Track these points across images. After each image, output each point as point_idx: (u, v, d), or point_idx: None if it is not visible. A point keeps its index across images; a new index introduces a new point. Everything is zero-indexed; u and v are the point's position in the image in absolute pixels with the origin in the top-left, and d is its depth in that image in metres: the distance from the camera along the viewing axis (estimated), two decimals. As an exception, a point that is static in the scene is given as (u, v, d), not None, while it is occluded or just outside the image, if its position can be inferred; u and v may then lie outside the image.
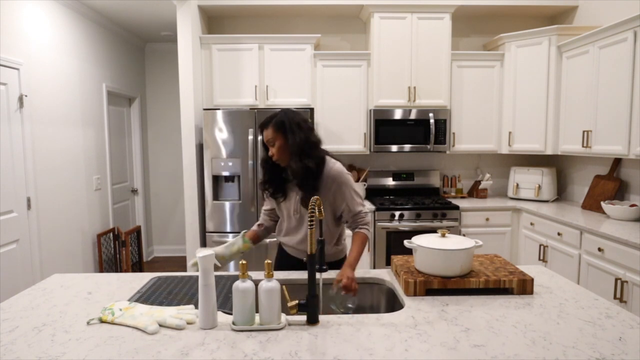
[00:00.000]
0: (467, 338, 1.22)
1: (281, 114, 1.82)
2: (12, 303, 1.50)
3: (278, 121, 1.80)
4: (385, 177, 4.22)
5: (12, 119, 2.94)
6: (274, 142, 1.79)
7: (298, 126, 1.80)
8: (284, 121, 1.80)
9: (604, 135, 3.07)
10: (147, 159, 5.28)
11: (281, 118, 1.81)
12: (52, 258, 3.38)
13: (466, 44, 4.31)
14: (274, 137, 1.79)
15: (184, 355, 1.13)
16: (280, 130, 1.79)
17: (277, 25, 4.25)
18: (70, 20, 3.67)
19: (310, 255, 1.32)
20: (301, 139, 1.78)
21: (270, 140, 1.80)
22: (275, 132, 1.79)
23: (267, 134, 1.81)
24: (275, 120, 1.80)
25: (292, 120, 1.80)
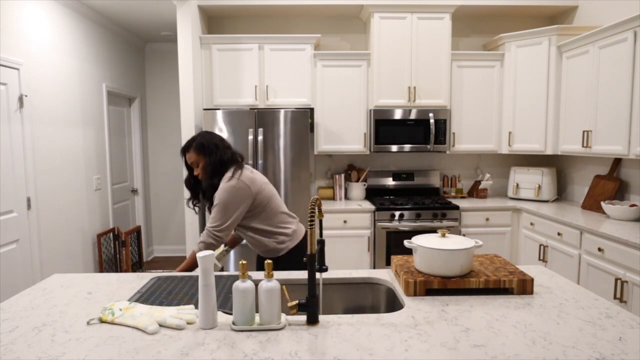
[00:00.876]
0: (467, 338, 1.22)
1: (200, 137, 2.01)
2: (12, 303, 1.50)
3: (199, 144, 2.00)
4: (385, 177, 4.22)
5: (12, 119, 2.94)
6: (197, 164, 2.01)
7: (215, 146, 2.01)
8: (203, 143, 2.00)
9: (604, 135, 3.07)
10: (147, 159, 5.28)
11: (201, 141, 2.01)
12: (52, 258, 3.38)
13: (466, 44, 4.31)
14: (197, 158, 2.00)
15: (184, 355, 1.13)
16: (202, 153, 1.99)
17: (277, 25, 4.25)
18: (70, 20, 3.67)
19: (310, 255, 1.32)
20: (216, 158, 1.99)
21: (195, 161, 2.00)
22: (197, 155, 2.00)
23: (190, 156, 2.00)
24: (196, 143, 2.00)
25: (210, 141, 2.02)
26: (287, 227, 2.11)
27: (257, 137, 3.59)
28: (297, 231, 2.15)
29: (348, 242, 3.69)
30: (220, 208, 1.93)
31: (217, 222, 1.93)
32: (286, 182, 3.60)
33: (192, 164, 2.02)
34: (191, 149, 2.00)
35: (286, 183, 3.60)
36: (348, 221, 3.67)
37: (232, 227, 1.96)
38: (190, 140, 2.03)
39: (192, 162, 2.02)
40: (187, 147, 2.02)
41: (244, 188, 1.95)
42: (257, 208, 2.02)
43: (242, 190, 1.95)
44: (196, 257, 1.93)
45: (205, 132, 2.07)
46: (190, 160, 2.02)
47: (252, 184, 1.98)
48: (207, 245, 1.94)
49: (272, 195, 2.09)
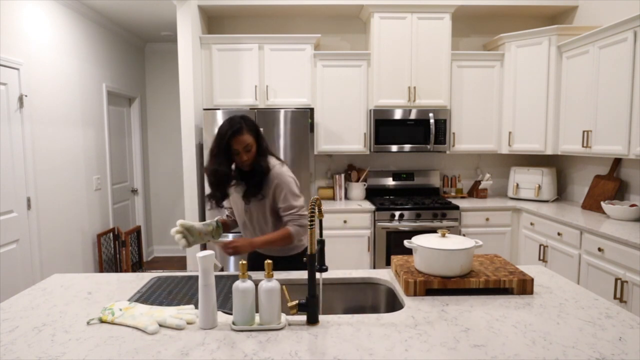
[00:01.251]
0: (467, 338, 1.22)
1: (249, 120, 1.87)
2: (12, 303, 1.50)
3: (252, 126, 1.87)
4: (385, 177, 4.22)
5: (12, 119, 2.94)
6: (251, 147, 1.85)
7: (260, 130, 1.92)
8: (257, 126, 1.89)
9: (604, 135, 3.07)
10: (147, 159, 5.28)
11: (253, 123, 1.88)
12: (52, 258, 3.38)
13: (466, 44, 4.31)
14: (251, 141, 1.85)
15: (184, 355, 1.13)
16: (254, 135, 1.87)
17: (277, 25, 4.25)
18: (70, 20, 3.67)
19: (310, 255, 1.32)
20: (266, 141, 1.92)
21: (249, 145, 1.83)
22: (252, 137, 1.85)
23: (244, 139, 1.82)
24: (249, 126, 1.85)
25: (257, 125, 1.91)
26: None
27: (257, 137, 3.59)
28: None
29: (348, 242, 3.69)
30: (289, 190, 1.91)
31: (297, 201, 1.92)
32: (286, 182, 3.60)
33: (245, 147, 1.82)
34: (244, 131, 1.81)
35: (286, 183, 3.60)
36: (348, 221, 3.67)
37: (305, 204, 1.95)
38: (237, 123, 1.82)
39: (244, 146, 1.82)
40: (239, 130, 1.80)
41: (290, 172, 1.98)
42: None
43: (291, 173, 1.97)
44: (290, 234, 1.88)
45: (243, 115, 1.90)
46: (243, 144, 1.82)
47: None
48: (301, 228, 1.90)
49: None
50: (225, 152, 1.83)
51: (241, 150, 1.83)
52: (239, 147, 1.82)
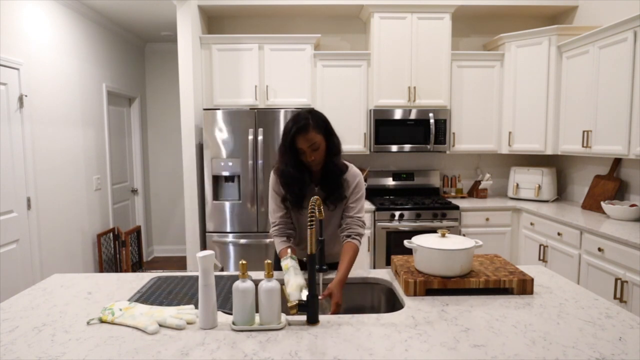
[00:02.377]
0: (467, 338, 1.22)
1: (317, 115, 1.70)
2: (12, 303, 1.50)
3: (321, 122, 1.69)
4: (385, 177, 4.22)
5: (12, 119, 2.94)
6: (319, 145, 1.66)
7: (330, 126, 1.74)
8: (326, 122, 1.71)
9: (604, 135, 3.07)
10: (147, 159, 5.28)
11: (322, 118, 1.70)
12: (52, 258, 3.38)
13: (466, 44, 4.31)
14: (320, 140, 1.66)
15: (184, 355, 1.13)
16: (323, 132, 1.69)
17: (277, 25, 4.25)
18: (70, 20, 3.67)
19: (310, 255, 1.32)
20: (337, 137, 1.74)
21: (317, 143, 1.65)
22: (320, 135, 1.67)
23: (311, 137, 1.64)
24: (317, 122, 1.67)
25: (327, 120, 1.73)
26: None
27: (257, 137, 3.59)
28: None
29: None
30: (362, 197, 1.80)
31: (363, 212, 1.80)
32: (286, 182, 3.60)
33: (311, 146, 1.65)
34: (310, 128, 1.63)
35: (286, 183, 3.60)
36: (348, 221, 3.66)
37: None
38: (304, 119, 1.65)
39: (311, 145, 1.65)
40: (305, 127, 1.63)
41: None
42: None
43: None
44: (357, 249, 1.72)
45: (312, 109, 1.75)
46: (310, 142, 1.64)
47: None
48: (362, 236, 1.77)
49: None
50: (291, 151, 1.68)
51: (307, 149, 1.65)
52: (304, 145, 1.65)
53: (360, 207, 1.80)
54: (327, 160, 1.72)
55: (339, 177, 1.75)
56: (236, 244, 3.67)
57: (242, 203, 3.66)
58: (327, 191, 1.75)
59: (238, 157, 3.62)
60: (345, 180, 1.78)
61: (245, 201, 3.65)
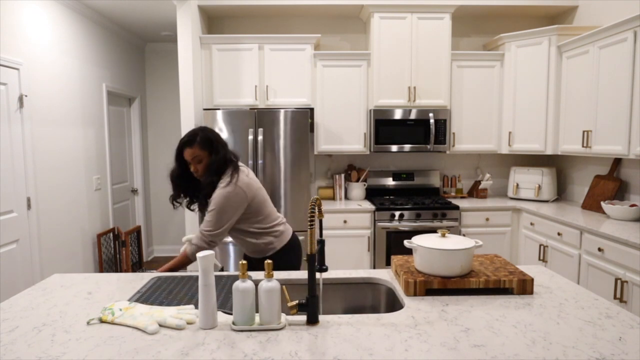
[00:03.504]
0: (467, 338, 1.22)
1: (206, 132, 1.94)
2: (12, 303, 1.50)
3: (207, 140, 1.93)
4: (385, 177, 4.22)
5: (12, 119, 2.94)
6: (201, 159, 1.93)
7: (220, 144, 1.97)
8: (210, 138, 1.94)
9: (604, 135, 3.07)
10: (147, 159, 5.28)
11: (209, 137, 1.94)
12: (52, 258, 3.38)
13: (466, 44, 4.31)
14: (203, 155, 1.92)
15: (184, 355, 1.13)
16: (207, 149, 1.93)
17: (277, 25, 4.25)
18: (70, 20, 3.67)
19: (310, 255, 1.32)
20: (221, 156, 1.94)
21: (199, 157, 1.92)
22: (204, 151, 1.92)
23: (193, 151, 1.91)
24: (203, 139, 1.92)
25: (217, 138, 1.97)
26: (275, 230, 2.11)
27: (257, 137, 3.59)
28: (284, 232, 2.16)
29: (348, 242, 3.69)
30: (216, 213, 1.91)
31: (212, 227, 1.91)
32: (286, 182, 3.60)
33: (194, 159, 1.93)
34: (195, 143, 1.91)
35: (286, 183, 3.60)
36: (348, 221, 3.66)
37: (226, 232, 1.96)
38: (192, 135, 1.92)
39: (193, 158, 1.92)
40: (190, 141, 1.91)
41: (240, 194, 1.93)
42: (250, 212, 2.01)
43: (238, 196, 1.93)
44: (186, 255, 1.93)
45: (205, 127, 1.99)
46: (192, 155, 1.92)
47: (248, 189, 1.96)
48: (199, 248, 1.92)
49: (265, 200, 2.08)
50: (178, 159, 1.99)
51: (190, 160, 1.94)
52: (188, 157, 1.93)
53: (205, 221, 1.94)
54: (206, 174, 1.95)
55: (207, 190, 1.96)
56: (236, 244, 3.67)
57: (242, 203, 3.65)
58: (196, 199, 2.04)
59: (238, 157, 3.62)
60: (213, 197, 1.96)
61: (245, 201, 3.64)
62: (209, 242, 1.92)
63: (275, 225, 2.12)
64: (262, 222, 2.06)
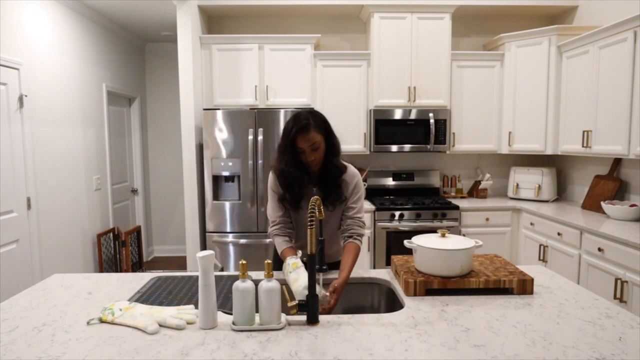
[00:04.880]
0: (467, 338, 1.22)
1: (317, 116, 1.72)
2: (12, 303, 1.50)
3: (321, 123, 1.71)
4: (385, 177, 4.22)
5: (12, 119, 2.94)
6: (319, 146, 1.68)
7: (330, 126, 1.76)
8: (326, 122, 1.73)
9: (604, 135, 3.07)
10: (147, 159, 5.28)
11: (322, 119, 1.72)
12: (52, 258, 3.38)
13: (466, 44, 4.31)
14: (320, 140, 1.68)
15: (184, 355, 1.13)
16: (323, 132, 1.70)
17: (277, 25, 4.25)
18: (70, 20, 3.67)
19: (310, 255, 1.32)
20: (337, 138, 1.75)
21: (317, 143, 1.67)
22: (320, 135, 1.69)
23: (311, 137, 1.66)
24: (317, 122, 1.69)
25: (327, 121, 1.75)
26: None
27: (257, 137, 3.59)
28: None
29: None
30: (361, 199, 1.82)
31: (363, 213, 1.82)
32: (286, 182, 3.60)
33: (312, 146, 1.67)
34: (311, 128, 1.65)
35: (286, 183, 3.60)
36: (348, 221, 3.66)
37: None
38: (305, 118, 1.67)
39: (311, 144, 1.67)
40: (306, 126, 1.65)
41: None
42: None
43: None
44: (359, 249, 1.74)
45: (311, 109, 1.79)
46: (311, 142, 1.66)
47: None
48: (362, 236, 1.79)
49: None
50: (291, 151, 1.70)
51: (307, 148, 1.67)
52: (304, 145, 1.67)
53: (359, 208, 1.81)
54: (326, 161, 1.74)
55: (337, 178, 1.76)
56: (236, 244, 3.67)
57: (242, 203, 3.66)
58: (326, 191, 1.76)
59: (238, 157, 3.62)
60: (344, 181, 1.79)
61: (245, 201, 3.65)
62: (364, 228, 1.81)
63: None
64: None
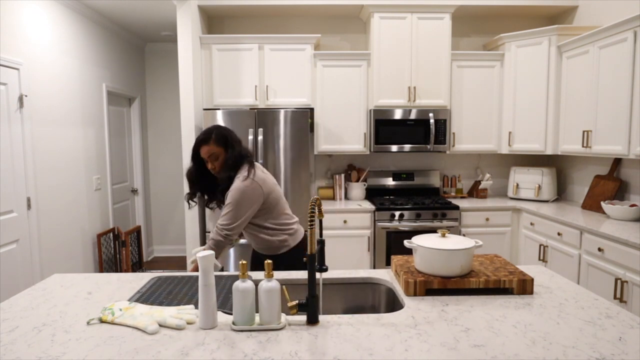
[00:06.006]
0: (467, 338, 1.22)
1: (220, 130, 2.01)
2: (12, 303, 1.50)
3: (222, 137, 1.99)
4: (385, 177, 4.22)
5: (12, 119, 2.94)
6: (218, 156, 1.99)
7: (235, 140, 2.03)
8: (225, 135, 2.01)
9: (604, 135, 3.07)
10: (147, 159, 5.28)
11: (224, 134, 2.00)
12: (52, 258, 3.38)
13: (466, 44, 4.31)
14: (219, 151, 1.98)
15: (184, 355, 1.13)
16: (223, 145, 1.99)
17: (277, 25, 4.25)
18: (70, 20, 3.67)
19: (310, 255, 1.32)
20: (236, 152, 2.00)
21: (216, 154, 1.98)
22: (220, 147, 1.98)
23: (209, 149, 1.97)
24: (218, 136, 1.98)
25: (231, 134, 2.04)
26: (290, 227, 2.14)
27: (257, 137, 3.59)
28: (298, 231, 2.20)
29: (348, 242, 3.69)
30: (233, 207, 1.94)
31: (228, 220, 1.95)
32: (286, 182, 3.60)
33: (210, 156, 1.99)
34: (211, 141, 1.98)
35: (286, 183, 3.60)
36: (348, 221, 3.67)
37: (242, 226, 1.98)
38: (208, 132, 1.99)
39: (210, 155, 1.99)
40: (206, 139, 1.98)
41: (257, 188, 1.97)
42: (265, 208, 2.04)
43: (255, 191, 1.96)
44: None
45: (219, 125, 2.06)
46: (208, 153, 1.99)
47: (264, 184, 2.00)
48: (216, 242, 1.96)
49: (280, 197, 2.12)
50: (194, 158, 2.06)
51: (207, 158, 2.00)
52: (204, 155, 1.99)
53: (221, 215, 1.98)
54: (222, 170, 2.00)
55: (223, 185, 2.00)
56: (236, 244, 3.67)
57: (242, 203, 3.65)
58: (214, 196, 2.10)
59: (238, 157, 3.62)
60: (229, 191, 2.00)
61: (245, 201, 3.64)
62: (225, 236, 1.95)
63: (290, 224, 2.15)
64: (278, 219, 2.09)
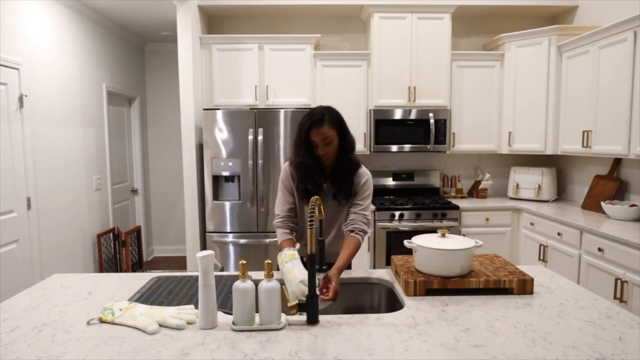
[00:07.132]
0: (467, 338, 1.22)
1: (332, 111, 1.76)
2: (12, 303, 1.50)
3: (335, 118, 1.74)
4: (385, 177, 4.21)
5: (12, 119, 2.94)
6: (331, 140, 1.72)
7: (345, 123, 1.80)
8: (341, 119, 1.76)
9: (604, 135, 3.07)
10: (147, 159, 5.28)
11: (337, 115, 1.76)
12: (52, 258, 3.38)
13: (466, 44, 4.31)
14: (332, 134, 1.72)
15: (184, 355, 1.13)
16: (337, 128, 1.74)
17: (277, 25, 4.25)
18: (70, 20, 3.67)
19: (310, 255, 1.32)
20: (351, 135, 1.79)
21: (329, 137, 1.71)
22: (334, 130, 1.72)
23: (323, 131, 1.70)
24: (331, 117, 1.73)
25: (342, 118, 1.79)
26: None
27: (257, 137, 3.59)
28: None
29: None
30: (369, 197, 1.83)
31: (369, 211, 1.83)
32: (286, 182, 3.60)
33: (324, 140, 1.71)
34: (325, 122, 1.70)
35: (286, 183, 3.60)
36: (348, 221, 3.66)
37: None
38: (320, 112, 1.73)
39: (324, 139, 1.71)
40: (320, 120, 1.70)
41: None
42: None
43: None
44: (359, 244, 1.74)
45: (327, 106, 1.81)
46: (322, 136, 1.70)
47: None
48: (365, 233, 1.78)
49: None
50: (305, 144, 1.74)
51: (319, 142, 1.71)
52: (317, 139, 1.71)
53: (366, 205, 1.83)
54: (340, 156, 1.77)
55: (350, 174, 1.79)
56: (236, 244, 3.67)
57: (242, 203, 3.66)
58: (338, 186, 1.79)
59: (238, 157, 3.62)
60: (356, 177, 1.82)
61: (245, 201, 3.65)
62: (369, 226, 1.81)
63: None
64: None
